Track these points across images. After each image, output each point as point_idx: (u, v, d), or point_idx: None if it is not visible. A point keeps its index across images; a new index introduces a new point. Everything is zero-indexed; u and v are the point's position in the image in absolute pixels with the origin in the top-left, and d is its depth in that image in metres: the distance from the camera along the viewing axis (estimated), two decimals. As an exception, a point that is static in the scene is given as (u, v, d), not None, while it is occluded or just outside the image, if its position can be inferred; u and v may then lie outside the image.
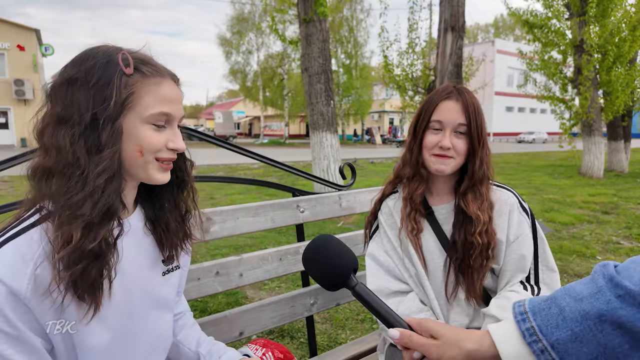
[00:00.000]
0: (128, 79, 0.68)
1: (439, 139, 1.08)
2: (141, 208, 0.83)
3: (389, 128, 36.61)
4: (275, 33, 6.29)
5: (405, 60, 9.96)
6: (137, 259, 0.79)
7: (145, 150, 0.71)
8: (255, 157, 1.45)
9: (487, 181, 1.12)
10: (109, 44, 0.73)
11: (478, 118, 1.07)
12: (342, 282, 0.74)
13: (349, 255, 0.77)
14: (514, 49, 16.21)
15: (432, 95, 1.13)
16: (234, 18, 30.82)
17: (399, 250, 1.16)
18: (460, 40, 6.52)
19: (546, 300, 0.58)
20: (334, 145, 5.85)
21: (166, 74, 0.74)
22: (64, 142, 0.66)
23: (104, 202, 0.66)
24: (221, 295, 3.01)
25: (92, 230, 0.65)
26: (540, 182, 9.02)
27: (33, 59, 22.37)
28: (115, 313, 0.74)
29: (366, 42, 30.10)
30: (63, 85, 0.69)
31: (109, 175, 0.67)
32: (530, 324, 0.57)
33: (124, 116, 0.69)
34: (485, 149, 1.10)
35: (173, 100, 0.73)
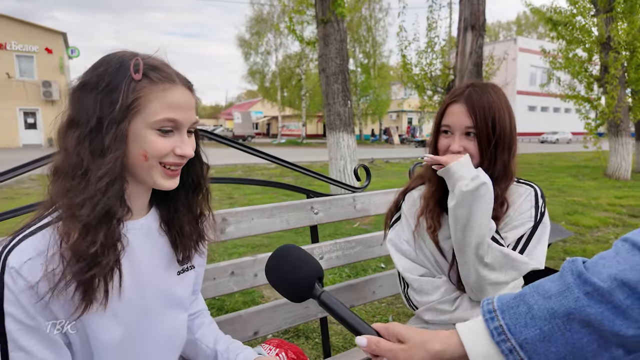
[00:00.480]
0: (136, 84, 0.69)
1: (450, 142, 1.09)
2: (156, 209, 0.85)
3: (408, 128, 36.26)
4: (293, 34, 6.33)
5: (424, 60, 9.86)
6: (152, 259, 0.81)
7: (149, 155, 0.72)
8: (269, 158, 1.46)
9: (507, 181, 1.10)
10: (127, 50, 0.75)
11: (489, 119, 1.05)
12: (308, 291, 0.72)
13: (313, 263, 0.75)
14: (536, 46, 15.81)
15: (445, 98, 1.14)
16: (252, 19, 31.11)
17: (420, 241, 1.18)
18: (480, 39, 6.40)
19: (515, 297, 0.56)
20: (350, 145, 5.84)
21: (177, 81, 0.74)
22: (70, 143, 0.69)
23: (103, 204, 0.68)
24: (238, 294, 3.05)
25: (90, 232, 0.67)
26: (563, 184, 8.77)
27: (60, 61, 23.14)
28: (128, 310, 0.76)
29: (385, 41, 29.86)
30: (77, 89, 0.72)
31: (110, 178, 0.68)
32: (498, 323, 0.55)
33: (130, 121, 0.70)
34: (504, 148, 1.07)
35: (181, 107, 0.73)
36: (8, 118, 22.22)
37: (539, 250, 1.07)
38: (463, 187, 0.99)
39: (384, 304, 2.93)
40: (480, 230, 1.00)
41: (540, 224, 1.09)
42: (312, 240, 1.48)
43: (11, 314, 0.65)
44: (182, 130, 0.75)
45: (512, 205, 1.11)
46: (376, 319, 2.73)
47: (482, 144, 1.06)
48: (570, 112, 35.28)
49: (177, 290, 0.87)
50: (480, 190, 0.99)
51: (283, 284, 0.76)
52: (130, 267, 0.77)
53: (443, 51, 9.94)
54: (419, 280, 1.13)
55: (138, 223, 0.79)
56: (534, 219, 1.09)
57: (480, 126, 1.05)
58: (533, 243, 1.07)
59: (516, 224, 1.09)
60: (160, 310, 0.83)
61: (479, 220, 1.00)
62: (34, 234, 0.68)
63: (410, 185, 1.26)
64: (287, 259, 0.76)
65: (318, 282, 0.72)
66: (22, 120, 22.94)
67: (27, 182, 8.83)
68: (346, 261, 1.48)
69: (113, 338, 0.75)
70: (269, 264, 0.78)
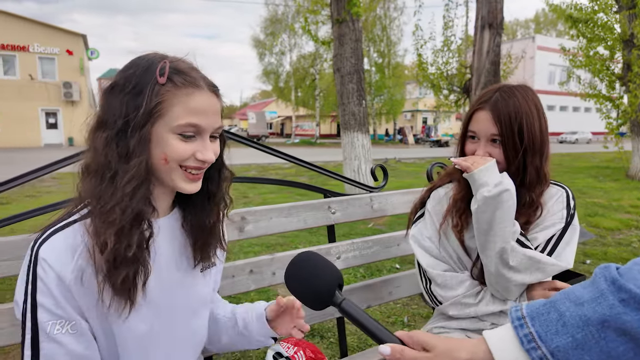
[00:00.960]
0: (160, 88, 0.70)
1: (476, 148, 1.10)
2: (179, 209, 0.86)
3: (422, 127, 35.93)
4: (308, 34, 6.34)
5: (440, 59, 9.76)
6: (173, 257, 0.83)
7: (169, 159, 0.72)
8: (286, 158, 1.47)
9: (541, 186, 1.10)
10: (158, 52, 0.76)
11: (515, 126, 1.04)
12: (328, 300, 0.71)
13: (334, 271, 0.74)
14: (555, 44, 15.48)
15: (472, 103, 1.14)
16: (267, 20, 31.27)
17: (443, 239, 1.18)
18: (497, 38, 6.31)
19: (544, 304, 0.55)
20: (365, 145, 5.83)
21: (202, 85, 0.73)
22: (99, 144, 0.71)
23: (133, 208, 0.69)
24: (253, 292, 3.07)
25: (125, 236, 0.69)
26: (583, 185, 8.57)
27: (80, 63, 23.70)
28: (152, 307, 0.78)
29: (399, 40, 29.67)
30: (107, 91, 0.73)
31: (137, 183, 0.69)
32: (528, 330, 0.54)
33: (153, 124, 0.71)
34: (533, 153, 1.06)
35: (204, 112, 0.73)
36: (30, 118, 22.88)
37: (568, 252, 1.07)
38: (485, 193, 1.01)
39: (399, 305, 2.91)
40: (503, 235, 1.00)
41: (570, 226, 1.09)
42: (329, 240, 1.48)
43: (43, 305, 0.68)
44: (204, 135, 0.75)
45: (543, 206, 1.11)
46: (391, 319, 2.71)
47: (508, 152, 1.06)
48: (591, 111, 34.42)
49: (199, 288, 0.88)
50: (503, 196, 0.99)
51: (303, 291, 0.75)
52: (155, 266, 0.78)
53: (459, 50, 9.83)
54: (443, 276, 1.14)
55: (161, 221, 0.80)
56: (565, 220, 1.09)
57: (506, 134, 1.05)
58: (562, 244, 1.07)
59: (547, 224, 1.09)
60: (183, 307, 0.85)
61: (501, 225, 1.00)
62: (64, 228, 0.71)
63: (437, 183, 1.26)
64: (307, 266, 0.75)
65: (338, 289, 0.71)
66: (44, 120, 23.58)
67: (48, 181, 9.06)
68: (363, 261, 1.48)
69: (137, 334, 0.77)
70: (288, 272, 0.77)
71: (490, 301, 1.10)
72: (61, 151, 19.28)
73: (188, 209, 0.85)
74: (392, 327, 2.62)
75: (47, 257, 0.67)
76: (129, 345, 0.77)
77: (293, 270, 0.77)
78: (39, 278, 0.67)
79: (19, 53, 22.30)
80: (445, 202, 1.20)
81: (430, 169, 1.65)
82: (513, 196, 1.01)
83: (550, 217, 1.10)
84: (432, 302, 1.18)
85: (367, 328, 0.66)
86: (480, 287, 1.13)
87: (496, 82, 6.65)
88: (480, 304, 1.11)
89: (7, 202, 6.59)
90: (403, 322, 2.66)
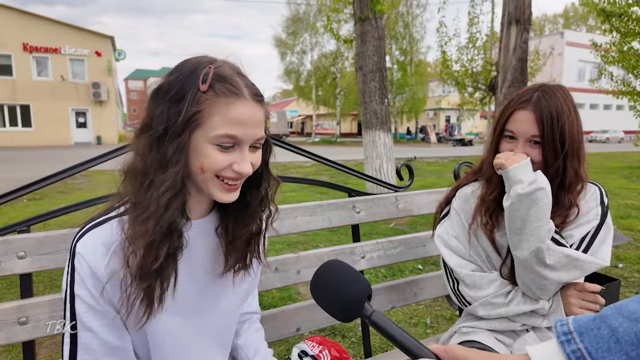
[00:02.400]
0: (201, 95, 0.68)
1: (513, 147, 1.06)
2: (217, 212, 0.85)
3: (445, 126, 35.34)
4: (331, 32, 6.33)
5: (464, 56, 9.56)
6: (206, 259, 0.83)
7: (205, 169, 0.71)
8: (310, 155, 1.47)
9: (578, 187, 1.07)
10: (206, 56, 0.73)
11: (556, 127, 1.01)
12: (357, 312, 0.68)
13: (362, 281, 0.70)
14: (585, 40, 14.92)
15: (509, 101, 1.09)
16: (289, 19, 31.38)
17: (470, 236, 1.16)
18: (525, 34, 6.12)
19: (594, 319, 0.51)
20: (387, 144, 5.77)
21: (244, 94, 0.70)
22: (140, 147, 0.71)
23: (167, 219, 0.69)
24: (275, 290, 3.10)
25: (154, 249, 0.69)
26: (615, 186, 8.23)
27: (108, 64, 24.44)
28: (183, 305, 0.79)
29: (422, 37, 29.22)
30: (152, 94, 0.72)
31: (172, 194, 0.68)
32: (576, 346, 0.50)
33: (191, 133, 0.69)
34: (571, 156, 1.04)
35: (244, 123, 0.70)
36: (61, 118, 23.76)
37: (604, 250, 1.04)
38: (519, 190, 0.98)
39: (422, 307, 2.87)
40: (538, 234, 0.98)
41: (604, 223, 1.06)
42: (354, 240, 1.48)
43: (80, 296, 0.70)
44: (243, 147, 0.72)
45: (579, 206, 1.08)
46: (414, 320, 2.68)
47: (547, 154, 1.03)
48: (623, 109, 33.01)
49: (229, 290, 0.87)
50: (538, 194, 0.97)
51: (330, 302, 0.72)
52: (186, 265, 0.79)
53: (485, 47, 9.60)
54: (472, 276, 1.12)
55: (197, 223, 0.81)
56: (600, 217, 1.06)
57: (547, 136, 1.02)
58: (597, 242, 1.04)
59: (581, 221, 1.06)
60: (213, 308, 0.85)
61: (536, 223, 0.98)
62: (101, 224, 0.72)
63: (462, 182, 1.24)
64: (334, 276, 0.72)
65: (367, 300, 0.68)
66: (74, 119, 24.44)
67: (79, 178, 9.38)
68: (388, 261, 1.46)
69: (167, 329, 0.78)
70: (314, 282, 0.74)
71: (522, 301, 1.08)
72: (90, 149, 19.93)
73: (225, 215, 0.84)
74: (414, 328, 2.59)
75: (82, 252, 0.70)
76: (159, 341, 0.78)
77: (319, 280, 0.74)
78: (76, 271, 0.70)
79: (52, 55, 23.18)
80: (472, 200, 1.18)
81: (458, 168, 1.61)
82: (548, 195, 0.98)
83: (585, 214, 1.07)
84: (461, 303, 1.16)
85: (400, 342, 0.63)
86: (511, 286, 1.11)
87: (523, 80, 6.47)
88: (511, 304, 1.08)
89: (40, 197, 6.87)
90: (426, 324, 2.63)
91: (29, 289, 1.00)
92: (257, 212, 0.84)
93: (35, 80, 23.09)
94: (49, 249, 0.98)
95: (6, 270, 0.95)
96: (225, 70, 0.71)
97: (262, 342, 0.98)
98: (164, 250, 0.70)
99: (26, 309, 0.95)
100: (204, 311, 0.84)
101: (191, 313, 0.82)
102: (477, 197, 1.16)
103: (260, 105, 0.73)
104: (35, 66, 23.13)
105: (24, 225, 1.01)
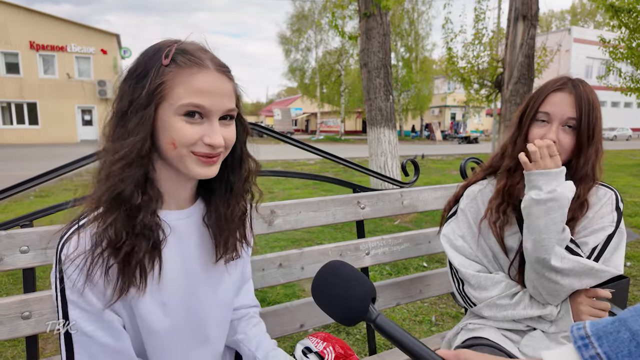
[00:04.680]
0: (164, 69, 0.68)
1: (545, 132, 1.03)
2: (202, 201, 0.84)
3: (451, 123, 35.14)
4: (335, 29, 6.29)
5: (470, 52, 9.48)
6: (198, 249, 0.82)
7: (177, 143, 0.69)
8: (319, 153, 1.46)
9: (590, 182, 1.04)
10: (170, 38, 0.74)
11: (592, 114, 1.00)
12: (362, 315, 0.64)
13: (366, 283, 0.67)
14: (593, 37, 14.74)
15: (543, 86, 1.07)
16: (294, 16, 31.30)
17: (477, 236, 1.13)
18: (532, 30, 6.06)
19: (612, 322, 0.49)
20: (391, 141, 5.74)
21: (208, 65, 0.70)
22: (107, 131, 0.71)
23: (114, 188, 0.67)
24: (279, 286, 3.09)
25: (108, 215, 0.68)
26: (623, 184, 8.14)
27: (114, 61, 24.54)
28: (176, 298, 0.78)
29: (428, 34, 29.02)
30: (123, 79, 0.72)
31: (126, 162, 0.67)
32: (595, 351, 0.48)
33: (157, 106, 0.68)
34: (594, 147, 1.02)
35: (209, 92, 0.69)
36: (68, 115, 23.92)
37: (616, 257, 1.01)
38: (533, 195, 0.97)
39: (427, 304, 2.86)
40: (546, 246, 0.96)
41: (618, 229, 1.03)
42: (358, 236, 1.46)
43: (73, 301, 0.69)
44: (212, 118, 0.71)
45: (591, 207, 1.05)
46: (419, 318, 2.67)
47: (581, 139, 1.01)
48: (631, 106, 32.64)
49: (223, 280, 0.87)
50: (550, 205, 0.95)
51: (333, 305, 0.68)
52: (177, 256, 0.78)
53: (491, 43, 9.51)
54: (477, 276, 1.09)
55: (185, 212, 0.80)
56: (615, 224, 1.03)
57: (584, 120, 1.00)
58: (610, 249, 1.01)
59: (596, 227, 1.03)
60: (207, 298, 0.84)
61: (544, 235, 0.96)
62: (84, 226, 0.70)
63: (471, 180, 1.21)
64: (336, 278, 0.68)
65: (372, 303, 0.65)
66: (80, 117, 24.60)
67: (85, 175, 9.43)
68: (392, 258, 1.45)
69: (162, 326, 0.77)
70: (316, 283, 0.71)
71: (529, 305, 1.05)
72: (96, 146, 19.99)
73: (210, 201, 0.83)
74: (419, 326, 2.57)
75: (70, 255, 0.68)
76: (152, 338, 0.77)
77: (321, 282, 0.70)
78: (65, 275, 0.68)
79: (58, 53, 23.30)
80: (479, 199, 1.15)
81: (464, 165, 1.59)
82: (562, 207, 0.95)
83: (600, 220, 1.04)
84: (466, 303, 1.14)
85: (407, 346, 0.60)
86: (518, 288, 1.08)
87: (530, 77, 6.40)
88: (517, 307, 1.06)
89: (46, 194, 6.92)
90: (431, 322, 2.61)
91: (32, 283, 1.00)
92: (241, 193, 0.83)
93: (41, 78, 23.23)
94: (52, 244, 0.97)
95: (9, 264, 0.95)
96: (187, 46, 0.71)
97: (263, 336, 0.96)
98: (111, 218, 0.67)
99: (29, 303, 0.95)
100: (202, 302, 0.83)
101: (188, 306, 0.81)
102: (486, 195, 1.14)
103: (226, 76, 0.73)
104: (41, 64, 23.27)
105: (27, 220, 1.01)
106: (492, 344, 1.02)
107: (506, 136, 1.14)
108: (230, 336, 0.94)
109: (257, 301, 1.02)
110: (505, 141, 1.14)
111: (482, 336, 1.05)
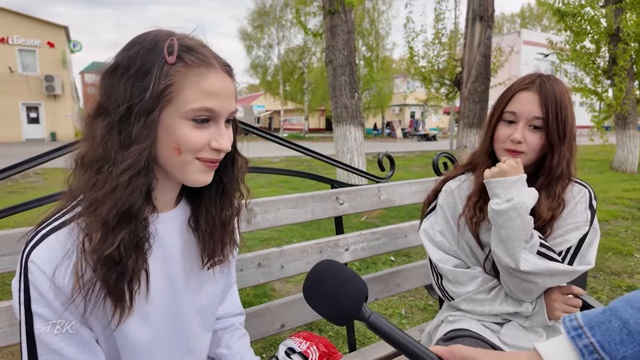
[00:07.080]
0: (169, 68, 0.62)
1: (511, 132, 1.04)
2: (186, 202, 0.79)
3: (410, 122, 36.11)
4: (300, 25, 6.26)
5: (431, 52, 9.77)
6: (180, 254, 0.76)
7: (182, 149, 0.65)
8: (291, 146, 1.43)
9: (565, 180, 1.06)
10: (162, 29, 0.67)
11: (560, 112, 1.01)
12: (355, 314, 0.64)
13: (358, 282, 0.66)
14: (541, 39, 15.65)
15: (511, 85, 1.08)
16: (255, 12, 30.88)
17: (455, 232, 1.14)
18: (489, 30, 6.33)
19: (603, 312, 0.51)
20: (357, 138, 5.80)
21: (215, 64, 0.65)
22: (98, 132, 0.63)
23: (124, 201, 0.61)
24: (249, 287, 3.03)
25: (110, 233, 0.61)
26: (570, 177, 8.71)
27: (62, 55, 23.06)
28: (158, 308, 0.72)
29: (388, 34, 29.64)
30: (108, 73, 0.64)
31: (134, 172, 0.61)
32: (588, 340, 0.50)
33: (162, 110, 0.63)
34: (567, 146, 1.03)
35: (219, 94, 0.65)
36: (11, 113, 22.21)
37: (590, 253, 1.05)
38: (493, 205, 0.99)
39: (396, 297, 2.91)
40: (512, 254, 0.98)
41: (592, 226, 1.06)
42: (337, 232, 1.45)
43: (40, 315, 0.61)
44: (219, 121, 0.67)
45: (566, 205, 1.07)
46: (389, 312, 2.71)
47: (551, 139, 1.02)
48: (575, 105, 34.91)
49: (207, 285, 0.82)
50: (510, 214, 0.96)
51: (325, 304, 0.67)
52: (159, 262, 0.72)
53: (450, 43, 9.85)
54: (454, 272, 1.11)
55: (169, 215, 0.74)
56: (589, 222, 1.06)
57: (550, 119, 1.00)
58: (585, 246, 1.04)
59: (570, 227, 1.05)
60: (190, 306, 0.79)
61: (509, 244, 0.98)
62: (58, 229, 0.63)
63: (449, 175, 1.22)
64: (329, 278, 0.67)
65: (365, 302, 0.65)
66: (25, 114, 22.93)
67: (32, 176, 8.82)
68: (371, 253, 1.45)
69: (142, 338, 0.71)
70: (308, 283, 0.69)
71: (505, 301, 1.07)
72: (43, 146, 18.76)
73: (197, 203, 0.77)
74: (390, 319, 2.61)
75: (39, 263, 0.60)
76: (131, 352, 0.71)
77: (313, 282, 0.69)
78: (31, 286, 0.60)
79: (-2, 45, 21.62)
80: (456, 194, 1.17)
81: (436, 160, 1.62)
82: (522, 215, 0.96)
83: (574, 219, 1.06)
84: (445, 297, 1.16)
85: (401, 344, 0.60)
86: (494, 282, 1.10)
87: (487, 76, 6.67)
88: (494, 303, 1.08)
89: (-11, 198, 6.39)
90: (401, 315, 2.66)
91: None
92: (233, 194, 0.79)
93: (-21, 72, 21.49)
94: (4, 251, 0.88)
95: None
96: (189, 42, 0.66)
97: (247, 350, 0.91)
98: (121, 236, 0.61)
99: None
100: (184, 310, 0.77)
101: (170, 316, 0.75)
102: (463, 191, 1.15)
103: (230, 76, 0.69)
104: (-21, 57, 21.50)
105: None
106: (474, 334, 1.04)
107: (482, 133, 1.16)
108: (213, 347, 0.89)
109: (242, 307, 0.97)
110: (482, 139, 1.16)
111: (463, 327, 1.07)
